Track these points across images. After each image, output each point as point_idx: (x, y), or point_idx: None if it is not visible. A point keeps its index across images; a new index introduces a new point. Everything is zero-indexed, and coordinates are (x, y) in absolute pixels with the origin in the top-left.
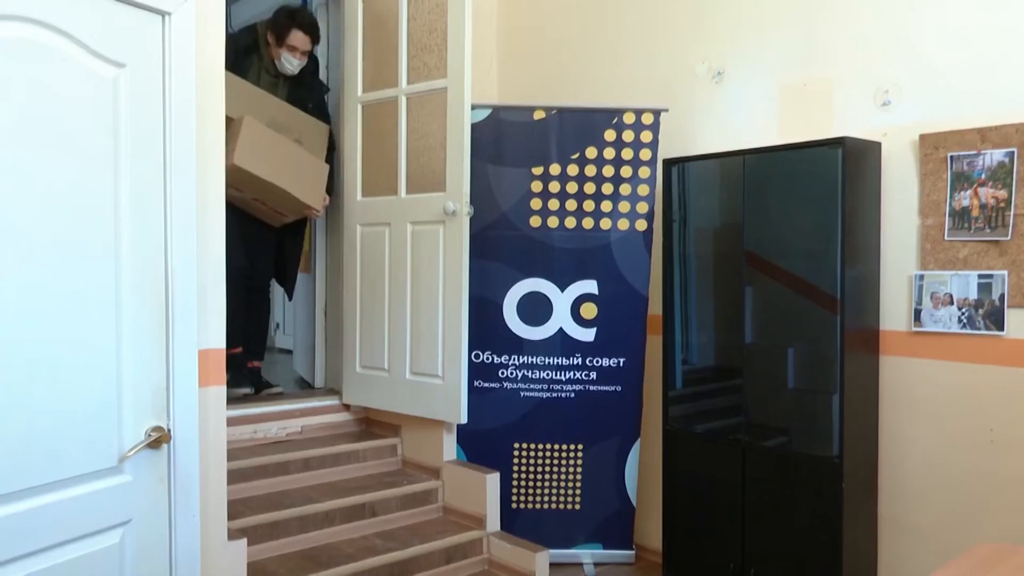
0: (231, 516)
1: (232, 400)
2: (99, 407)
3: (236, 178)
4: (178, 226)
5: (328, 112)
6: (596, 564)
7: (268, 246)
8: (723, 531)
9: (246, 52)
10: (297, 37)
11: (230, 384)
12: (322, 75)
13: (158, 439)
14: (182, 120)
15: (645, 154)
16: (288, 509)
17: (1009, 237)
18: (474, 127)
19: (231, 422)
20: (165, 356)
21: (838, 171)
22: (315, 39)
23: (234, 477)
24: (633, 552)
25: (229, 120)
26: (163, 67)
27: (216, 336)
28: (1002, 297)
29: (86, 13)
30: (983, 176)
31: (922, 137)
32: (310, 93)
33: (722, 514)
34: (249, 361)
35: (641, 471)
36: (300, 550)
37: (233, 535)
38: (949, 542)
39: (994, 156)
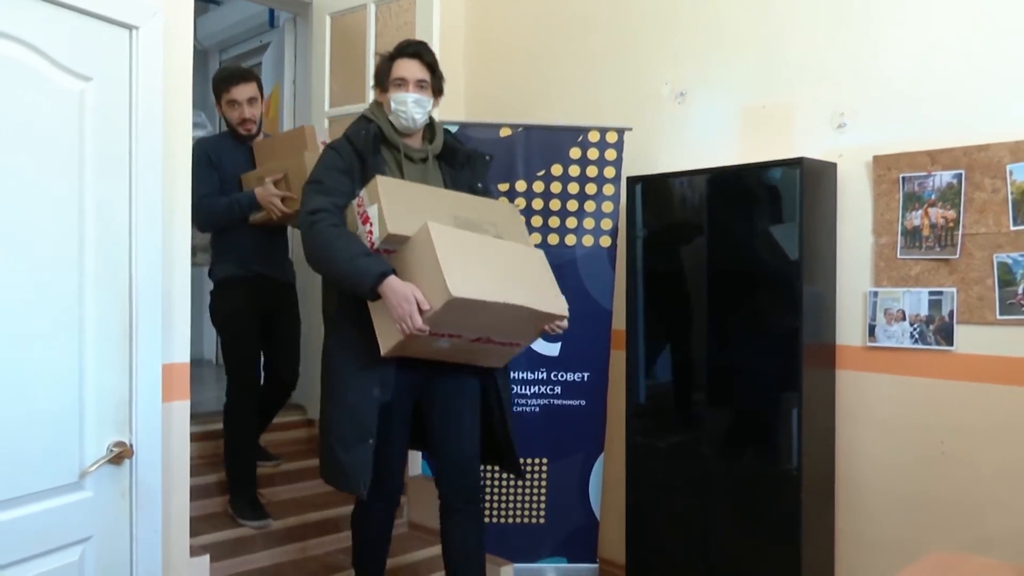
0: (194, 533)
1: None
2: (60, 422)
3: (452, 319)
4: (143, 239)
5: (495, 191)
6: None
7: (470, 425)
8: (685, 544)
9: (374, 147)
10: (400, 67)
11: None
12: (287, 90)
13: (120, 454)
14: (149, 133)
15: (609, 172)
16: (251, 523)
17: (958, 256)
18: None
19: (194, 437)
20: (128, 370)
21: (796, 190)
22: (426, 61)
23: (197, 493)
24: (597, 566)
25: (399, 239)
26: (130, 81)
27: (181, 350)
28: (951, 313)
29: (53, 26)
30: (933, 197)
31: (875, 158)
32: (472, 171)
33: (684, 528)
34: None
35: (605, 485)
36: (263, 567)
37: (196, 552)
38: (903, 552)
39: (943, 178)
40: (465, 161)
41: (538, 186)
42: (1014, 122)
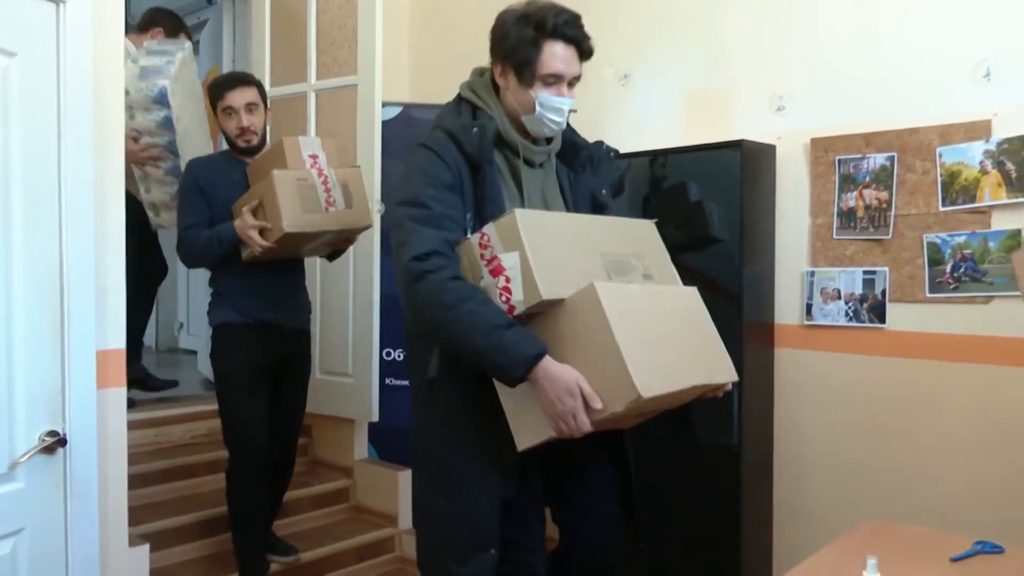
0: (135, 522)
1: (137, 405)
2: None
3: (625, 412)
4: (74, 223)
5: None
6: None
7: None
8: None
9: (479, 145)
10: (556, 56)
11: None
12: (226, 70)
13: (53, 444)
14: (78, 113)
15: None
16: (194, 513)
17: (890, 236)
18: (385, 125)
19: (133, 425)
20: (60, 357)
21: (736, 172)
22: (584, 51)
23: (137, 482)
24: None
25: (550, 304)
26: (58, 58)
27: (116, 336)
28: (884, 292)
29: None
30: (867, 178)
31: (813, 141)
32: (595, 173)
33: None
34: None
35: None
36: (208, 555)
37: (135, 541)
38: (838, 522)
39: (877, 160)
40: (587, 161)
41: None
42: (943, 106)
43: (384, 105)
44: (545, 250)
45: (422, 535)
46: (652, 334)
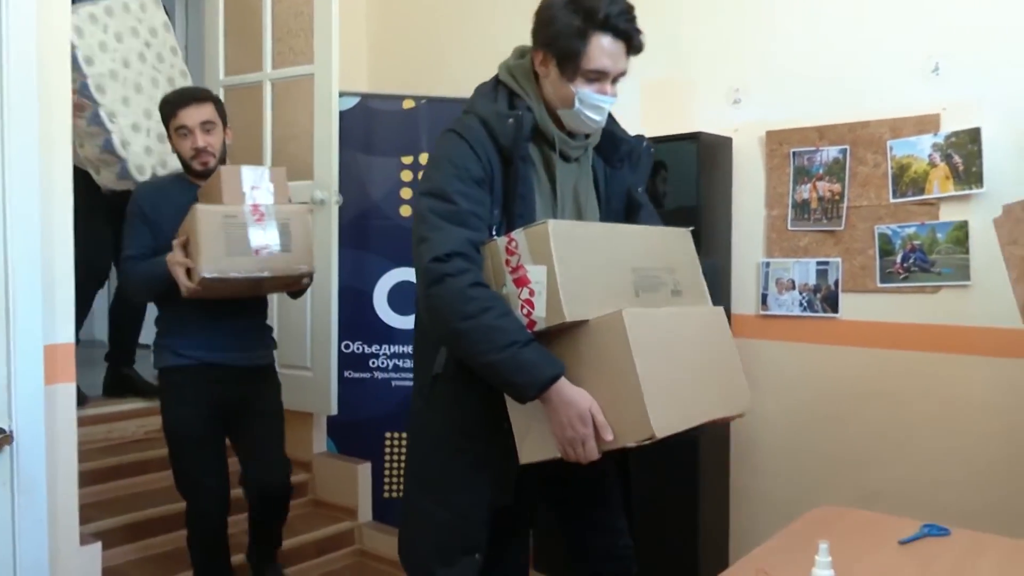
0: (86, 520)
1: (90, 401)
2: None
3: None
4: (18, 215)
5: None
6: None
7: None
8: None
9: (514, 138)
10: (604, 51)
11: None
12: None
13: None
14: (22, 103)
15: None
16: (147, 510)
17: (843, 227)
18: (342, 115)
19: (83, 421)
20: (6, 352)
21: (694, 164)
22: (635, 46)
23: (88, 479)
24: None
25: (572, 324)
26: (0, 45)
27: (65, 330)
28: (837, 282)
29: None
30: (821, 171)
31: (768, 133)
32: (633, 169)
33: None
34: None
35: None
36: (163, 552)
37: (87, 540)
38: (792, 507)
39: (830, 153)
40: (626, 156)
41: None
42: (894, 100)
43: (341, 95)
44: (574, 266)
45: (407, 531)
46: (674, 367)
